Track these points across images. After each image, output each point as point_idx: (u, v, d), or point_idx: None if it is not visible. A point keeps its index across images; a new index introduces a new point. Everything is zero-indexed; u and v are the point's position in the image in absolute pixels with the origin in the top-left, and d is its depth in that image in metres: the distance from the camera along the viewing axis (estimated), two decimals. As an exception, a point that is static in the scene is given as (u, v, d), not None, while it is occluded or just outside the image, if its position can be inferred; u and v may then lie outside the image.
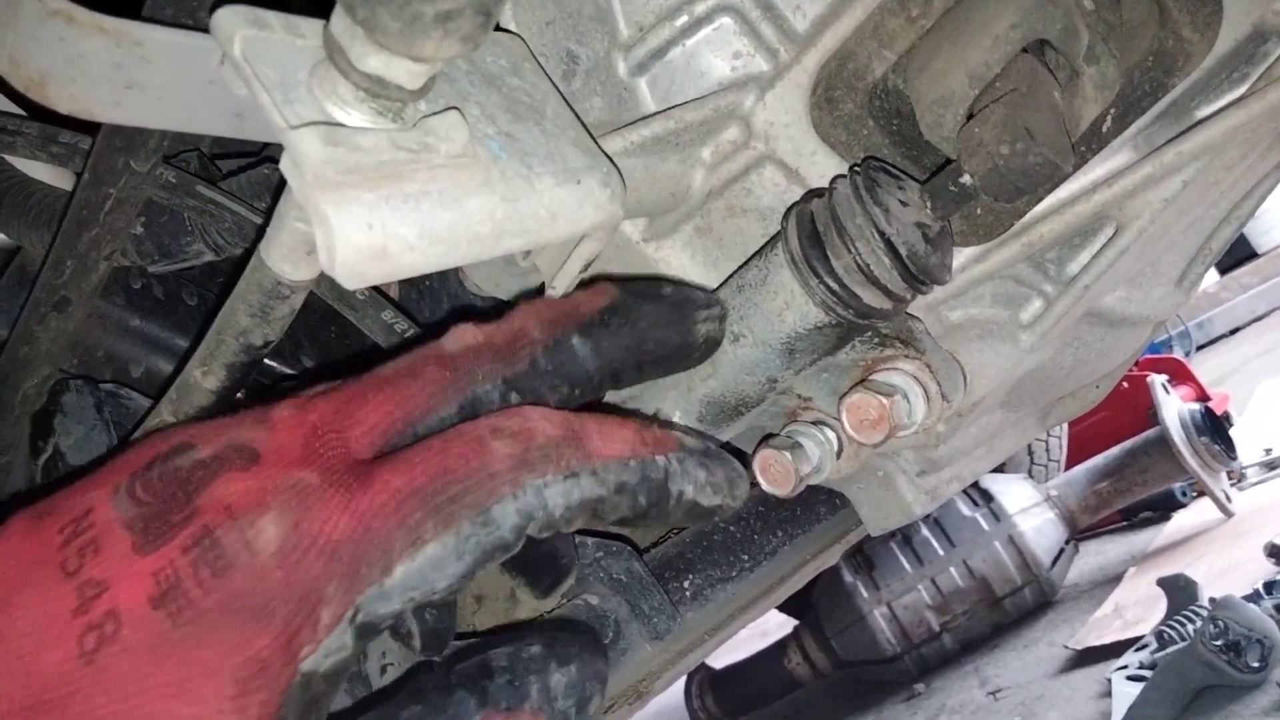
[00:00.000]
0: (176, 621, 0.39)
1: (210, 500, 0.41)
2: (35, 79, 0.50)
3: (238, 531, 0.40)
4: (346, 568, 0.40)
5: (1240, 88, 0.68)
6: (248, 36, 0.46)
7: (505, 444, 0.43)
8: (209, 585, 0.39)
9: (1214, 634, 2.11)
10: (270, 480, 0.42)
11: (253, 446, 0.43)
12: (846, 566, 3.22)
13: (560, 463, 0.43)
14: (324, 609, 0.40)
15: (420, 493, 0.41)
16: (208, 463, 0.42)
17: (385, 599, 0.41)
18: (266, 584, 0.40)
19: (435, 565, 0.41)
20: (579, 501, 0.44)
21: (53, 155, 0.82)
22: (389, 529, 0.41)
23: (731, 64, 0.68)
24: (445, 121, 0.48)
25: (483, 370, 0.48)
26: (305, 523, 0.41)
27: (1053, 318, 0.74)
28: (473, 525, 0.41)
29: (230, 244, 0.90)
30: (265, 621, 0.39)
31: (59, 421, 0.82)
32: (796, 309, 0.62)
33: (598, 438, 0.45)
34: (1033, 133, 0.55)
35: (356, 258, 0.44)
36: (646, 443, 0.47)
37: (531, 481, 0.42)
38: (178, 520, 0.40)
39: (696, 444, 0.49)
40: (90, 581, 0.39)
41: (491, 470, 0.42)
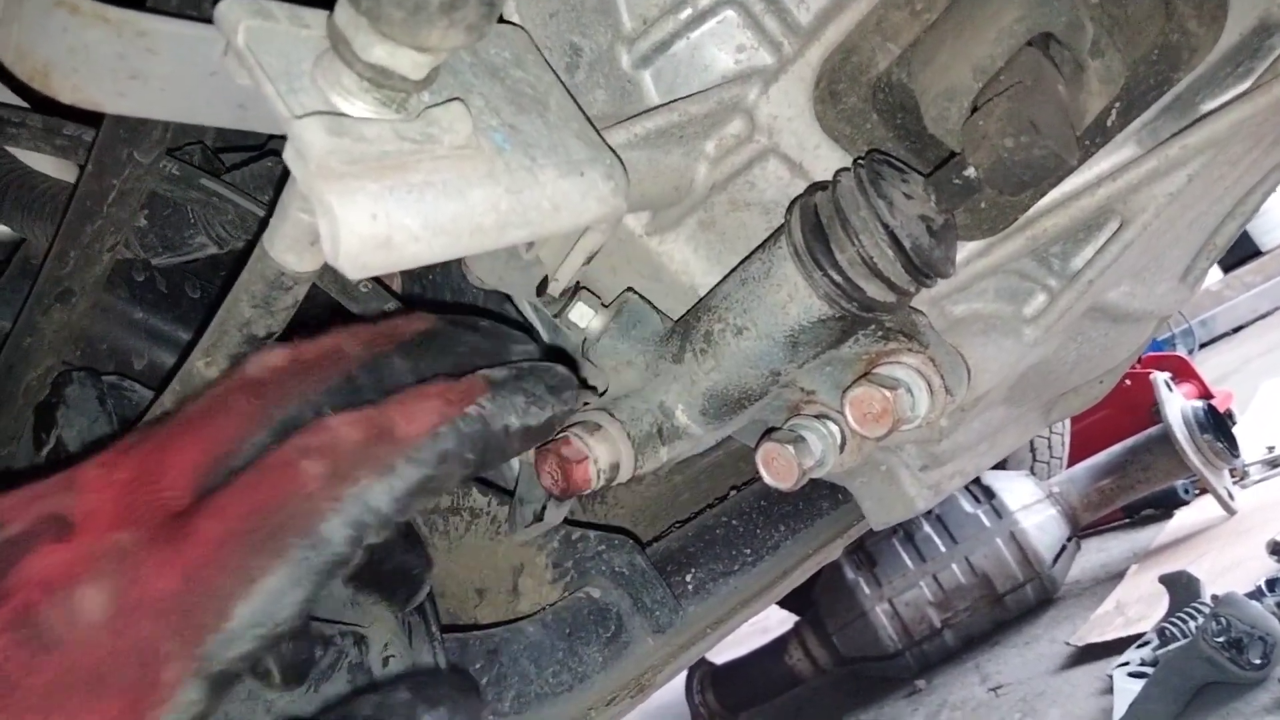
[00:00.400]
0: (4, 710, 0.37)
1: (24, 578, 0.40)
2: (39, 69, 0.50)
3: (58, 605, 0.39)
4: (180, 622, 0.39)
5: (1245, 82, 0.68)
6: (251, 27, 0.46)
7: (314, 462, 0.42)
8: (34, 665, 0.38)
9: (1216, 631, 2.11)
10: (86, 548, 0.41)
11: (64, 515, 0.42)
12: (848, 562, 3.22)
13: (373, 463, 0.43)
14: (165, 668, 0.39)
15: (240, 532, 0.41)
16: (18, 539, 0.41)
17: (231, 643, 0.40)
18: (97, 654, 0.38)
19: (275, 597, 0.40)
20: (404, 491, 0.43)
21: (56, 148, 0.82)
22: (217, 575, 0.40)
23: (735, 57, 0.67)
24: (449, 112, 0.48)
25: (292, 391, 0.47)
26: (128, 586, 0.40)
27: (1056, 312, 0.74)
28: (303, 549, 0.41)
29: (233, 236, 0.90)
30: (101, 692, 0.38)
31: (62, 413, 0.82)
32: (800, 302, 0.62)
33: (403, 421, 0.45)
34: (1037, 126, 0.55)
35: (360, 248, 0.44)
36: (453, 401, 0.46)
37: (349, 491, 0.42)
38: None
39: (504, 373, 0.49)
40: None
41: (307, 492, 0.41)
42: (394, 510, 0.43)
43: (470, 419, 0.46)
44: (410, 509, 0.44)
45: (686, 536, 1.06)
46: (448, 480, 0.45)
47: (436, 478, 0.44)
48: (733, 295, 0.65)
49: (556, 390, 0.50)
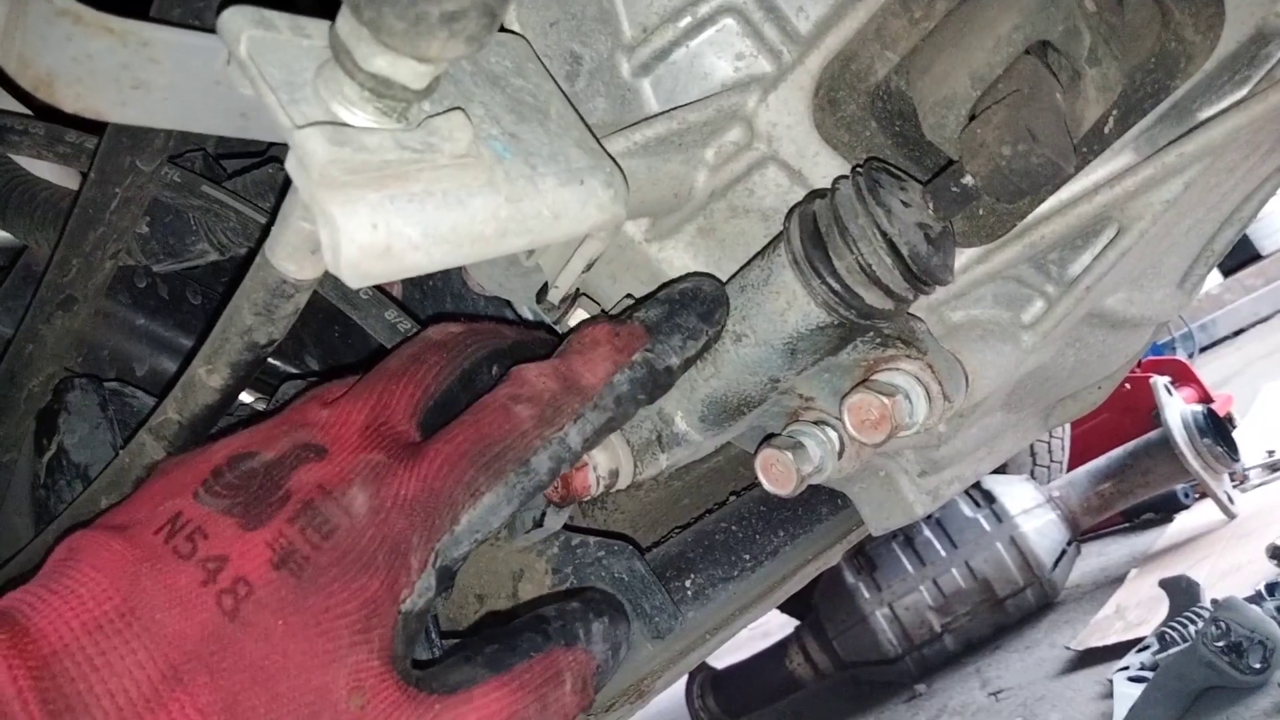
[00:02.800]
0: (300, 578, 0.45)
1: (300, 483, 0.48)
2: (43, 78, 0.50)
3: (333, 501, 0.47)
4: (423, 521, 0.48)
5: (1242, 90, 0.68)
6: (254, 37, 0.46)
7: (525, 407, 0.52)
8: (320, 546, 0.46)
9: (1216, 635, 2.11)
10: (345, 463, 0.50)
11: (315, 443, 0.51)
12: (848, 567, 3.22)
13: (568, 411, 0.53)
14: (412, 556, 0.48)
15: (468, 454, 0.50)
16: (280, 461, 0.50)
17: (457, 543, 0.49)
18: (365, 540, 0.47)
19: (492, 510, 0.50)
20: (593, 432, 0.54)
21: (59, 155, 0.82)
22: (450, 487, 0.49)
23: (735, 65, 0.68)
24: (450, 122, 0.48)
25: (469, 348, 0.58)
26: (384, 489, 0.49)
27: (1054, 319, 0.75)
28: (517, 475, 0.51)
29: (235, 243, 0.90)
30: (371, 570, 0.47)
31: (64, 420, 0.82)
32: (799, 309, 0.62)
33: (586, 372, 0.55)
34: (1035, 134, 0.55)
35: (361, 256, 0.45)
36: (622, 349, 0.57)
37: (553, 433, 0.52)
38: (275, 500, 0.47)
39: (659, 312, 0.60)
40: (209, 558, 0.45)
41: (522, 429, 0.52)
42: (583, 447, 0.54)
43: (638, 365, 0.57)
44: (595, 443, 0.55)
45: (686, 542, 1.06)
46: (624, 417, 0.56)
47: (616, 418, 0.55)
48: (732, 302, 0.66)
49: (707, 316, 0.61)
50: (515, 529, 0.76)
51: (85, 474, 0.80)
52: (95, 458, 0.81)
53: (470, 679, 0.49)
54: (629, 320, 0.59)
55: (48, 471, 0.81)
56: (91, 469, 0.80)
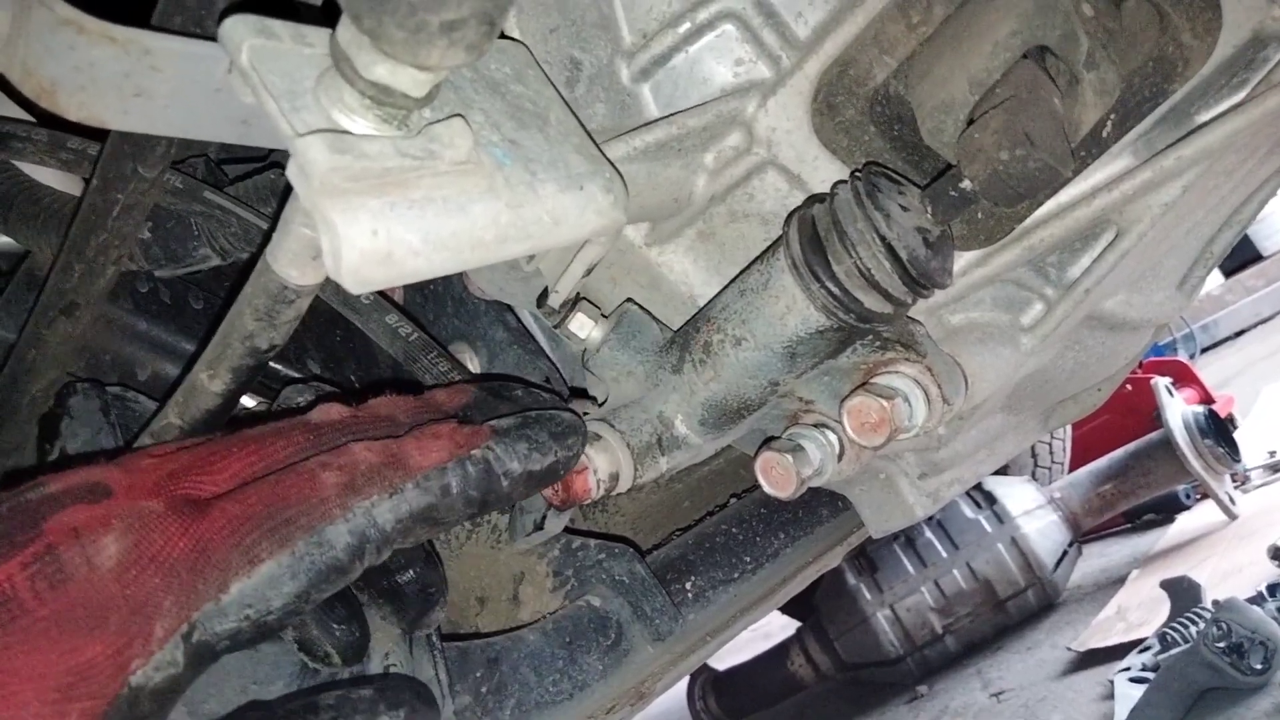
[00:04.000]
0: (7, 630, 0.40)
1: (56, 524, 0.43)
2: (46, 86, 0.50)
3: (79, 548, 0.42)
4: (183, 584, 0.43)
5: (1240, 93, 0.69)
6: (255, 45, 0.47)
7: (332, 474, 0.47)
8: (44, 596, 0.41)
9: (1217, 636, 2.10)
10: (116, 509, 0.44)
11: (106, 483, 0.46)
12: (849, 569, 3.22)
13: (384, 483, 0.47)
14: (158, 623, 0.42)
15: (255, 517, 0.44)
16: (58, 496, 0.45)
17: (221, 615, 0.43)
18: (102, 596, 0.42)
19: (271, 583, 0.44)
20: (408, 514, 0.47)
21: (61, 161, 0.83)
22: (226, 549, 0.44)
23: (734, 70, 0.68)
24: (450, 129, 0.48)
25: (342, 438, 0.51)
26: (145, 542, 0.43)
27: (1054, 321, 0.75)
28: (307, 545, 0.45)
29: (236, 249, 0.90)
30: (97, 631, 0.41)
31: (65, 424, 0.82)
32: (798, 313, 0.63)
33: (416, 453, 0.49)
34: (1032, 138, 0.56)
35: (362, 262, 0.45)
36: (461, 443, 0.51)
37: (358, 503, 0.46)
38: (21, 541, 0.42)
39: (511, 421, 0.54)
40: None
41: (322, 496, 0.46)
42: (395, 530, 0.47)
43: (475, 460, 0.50)
44: (410, 534, 0.48)
45: (686, 544, 1.06)
46: (449, 513, 0.49)
47: (439, 508, 0.49)
48: (731, 306, 0.66)
49: (560, 436, 0.54)
50: (516, 531, 0.76)
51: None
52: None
53: None
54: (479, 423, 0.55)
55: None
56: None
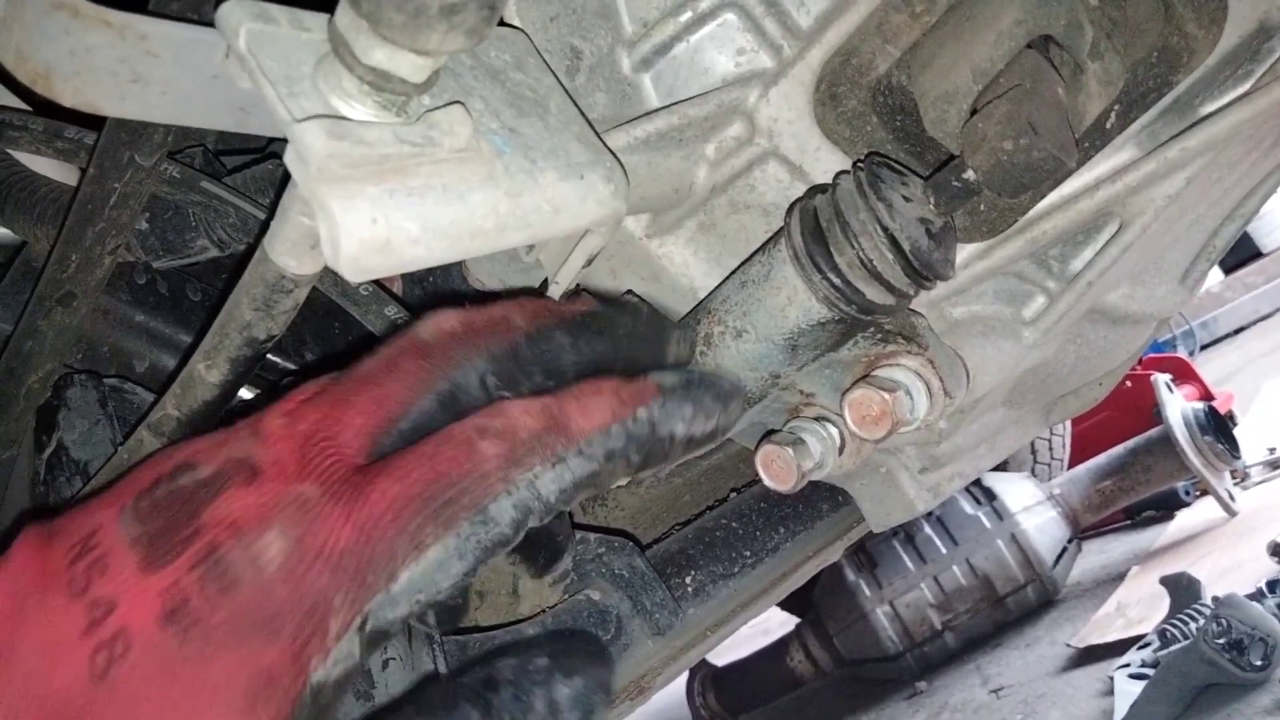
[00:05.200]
0: (185, 639, 0.39)
1: (214, 517, 0.42)
2: (40, 72, 0.50)
3: (243, 548, 0.41)
4: (352, 578, 0.41)
5: (1244, 84, 0.68)
6: (253, 30, 0.46)
7: (492, 443, 0.44)
8: (216, 602, 0.40)
9: (1217, 632, 2.10)
10: (272, 495, 0.43)
11: (252, 461, 0.44)
12: (849, 564, 3.22)
13: (546, 452, 0.45)
14: (332, 619, 0.41)
15: (417, 499, 0.42)
16: (210, 481, 0.44)
17: (393, 605, 0.42)
18: (273, 598, 0.41)
19: (439, 567, 0.42)
20: (571, 484, 0.45)
21: (58, 150, 0.82)
22: (391, 537, 0.42)
23: (735, 60, 0.68)
24: (449, 116, 0.48)
25: (459, 357, 0.48)
26: (309, 536, 0.42)
27: (1055, 314, 0.74)
28: (472, 525, 0.43)
29: (234, 239, 0.90)
30: (273, 635, 0.40)
31: (63, 416, 0.82)
32: (799, 305, 0.62)
33: (578, 415, 0.46)
34: (1036, 128, 0.55)
35: (360, 251, 0.45)
36: (626, 401, 0.47)
37: (522, 476, 0.44)
38: (183, 538, 0.41)
39: (676, 380, 0.50)
40: (99, 601, 0.40)
41: (483, 470, 0.43)
42: (558, 500, 0.45)
43: (640, 422, 0.47)
44: (573, 500, 0.46)
45: (686, 539, 1.06)
46: (610, 479, 0.47)
47: (601, 474, 0.46)
48: (732, 298, 0.66)
49: (723, 399, 0.51)
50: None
51: (85, 471, 0.80)
52: (95, 454, 0.81)
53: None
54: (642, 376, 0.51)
55: (47, 468, 0.81)
56: (91, 466, 0.80)
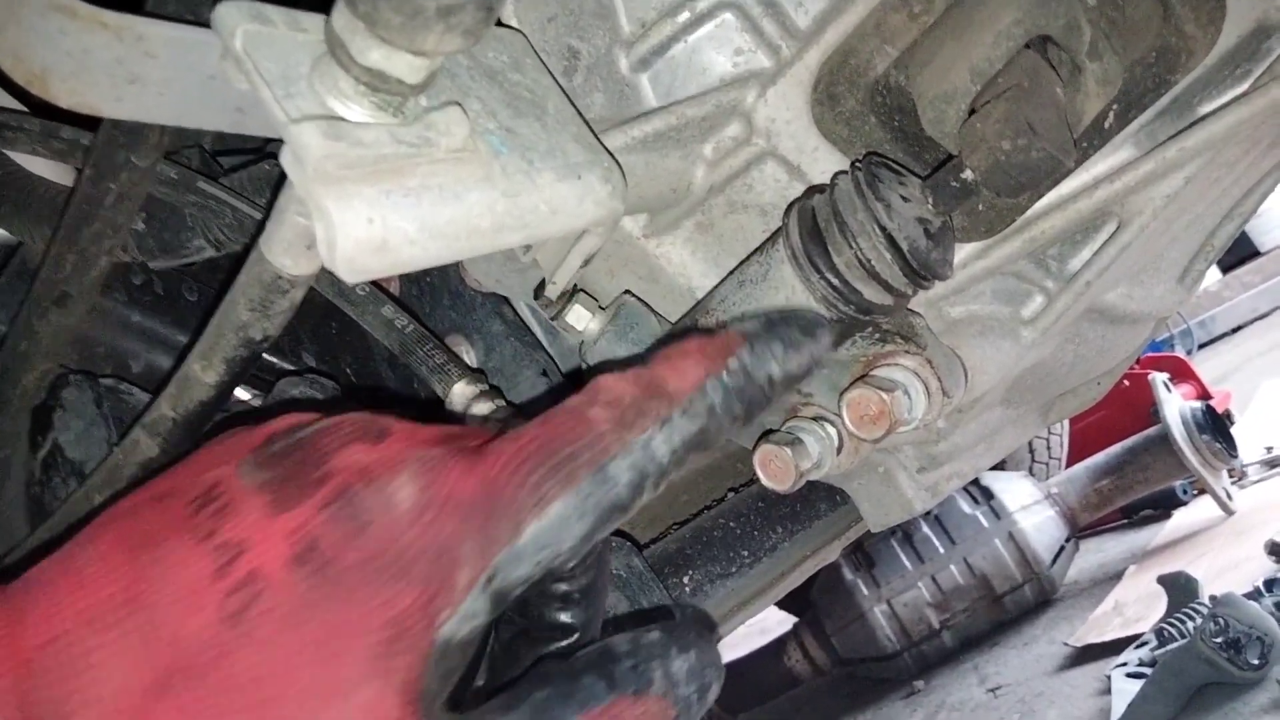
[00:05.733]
0: (317, 580, 0.38)
1: (343, 463, 0.41)
2: (37, 73, 0.50)
3: (374, 490, 0.40)
4: (479, 527, 0.41)
5: (1243, 84, 0.68)
6: (249, 31, 0.46)
7: (601, 410, 0.44)
8: (348, 542, 0.39)
9: (1214, 631, 2.11)
10: (397, 450, 0.43)
11: (384, 425, 0.44)
12: (847, 564, 3.22)
13: (652, 415, 0.44)
14: (460, 571, 0.40)
15: (536, 455, 0.42)
16: (335, 429, 0.43)
17: (517, 561, 0.41)
18: (404, 542, 0.40)
19: (562, 523, 0.42)
20: (681, 443, 0.45)
21: (54, 151, 0.82)
22: (514, 489, 0.41)
23: (733, 60, 0.68)
24: (446, 116, 0.48)
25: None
26: (435, 484, 0.41)
27: (1054, 314, 0.74)
28: (592, 483, 0.42)
29: (231, 240, 0.90)
30: (405, 580, 0.39)
31: (58, 416, 0.82)
32: (797, 305, 0.62)
33: (672, 377, 0.46)
34: (1035, 128, 0.55)
35: (356, 251, 0.44)
36: (715, 355, 0.47)
37: (634, 437, 0.43)
38: (312, 481, 0.41)
39: (757, 324, 0.50)
40: (227, 544, 0.39)
41: (598, 432, 0.43)
42: (671, 460, 0.45)
43: (734, 372, 0.47)
44: (684, 461, 0.45)
45: (684, 538, 1.06)
46: (718, 433, 0.46)
47: (709, 429, 0.46)
48: (730, 298, 0.65)
49: (810, 330, 0.50)
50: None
51: (80, 471, 0.80)
52: (90, 455, 0.80)
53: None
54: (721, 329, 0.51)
55: (43, 468, 0.80)
56: (87, 466, 0.80)
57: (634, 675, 0.44)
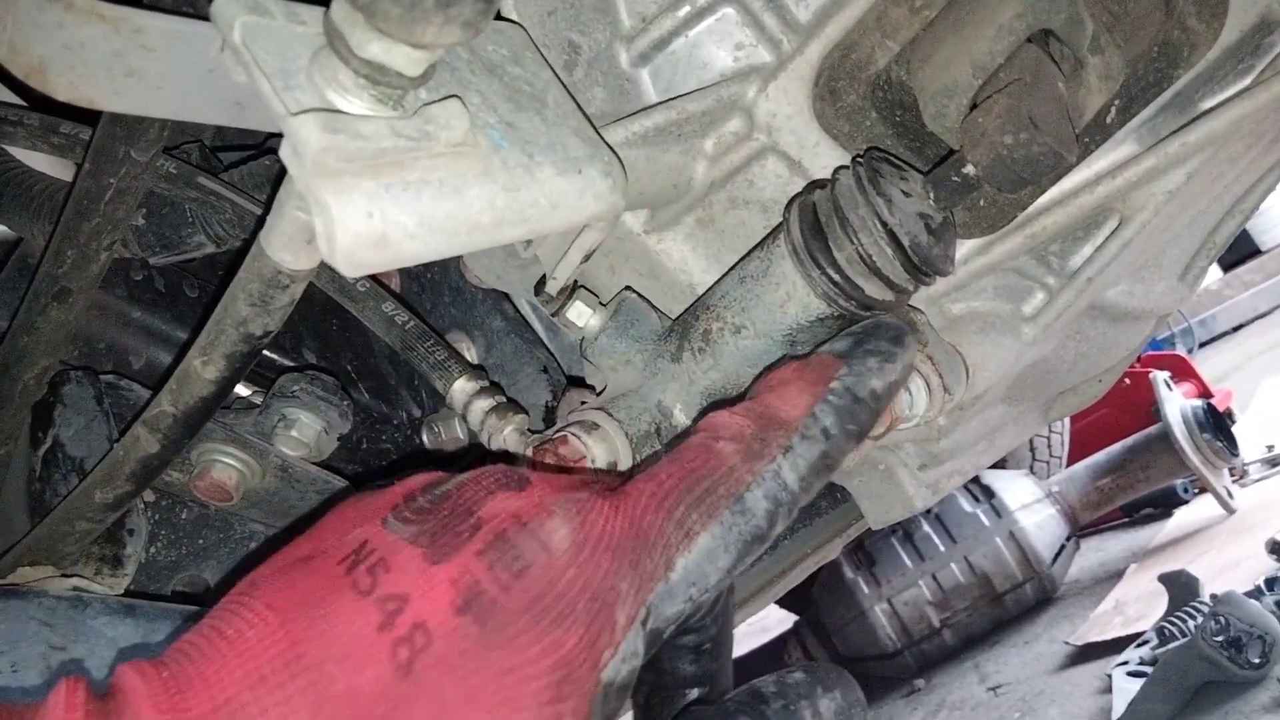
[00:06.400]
0: (484, 627, 0.39)
1: (493, 511, 0.42)
2: (35, 66, 0.49)
3: (529, 533, 0.41)
4: (634, 565, 0.41)
5: (1245, 79, 0.68)
6: (248, 23, 0.46)
7: (728, 444, 0.45)
8: (510, 586, 0.39)
9: (1215, 630, 2.11)
10: (542, 496, 0.43)
11: (524, 474, 0.45)
12: (847, 562, 3.22)
13: (775, 444, 0.46)
14: (619, 610, 0.41)
15: (677, 490, 0.43)
16: (480, 482, 0.44)
17: (671, 597, 0.42)
18: (564, 582, 0.40)
19: (708, 557, 0.43)
20: (807, 468, 0.46)
21: (54, 146, 0.82)
22: (660, 523, 0.42)
23: (734, 55, 0.67)
24: (446, 109, 0.48)
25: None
26: (586, 525, 0.42)
27: (1055, 311, 0.74)
28: (733, 514, 0.43)
29: (231, 235, 0.90)
30: (570, 622, 0.39)
31: (59, 413, 0.82)
32: (798, 301, 0.62)
33: (782, 407, 0.48)
34: (1036, 123, 0.55)
35: (356, 245, 0.44)
36: (815, 380, 0.49)
37: (765, 467, 0.45)
38: (465, 529, 0.41)
39: (847, 343, 0.52)
40: (390, 596, 0.39)
41: (730, 465, 0.44)
42: (802, 487, 0.46)
43: (838, 392, 0.48)
44: (812, 489, 0.47)
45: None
46: (839, 455, 0.48)
47: (830, 452, 0.47)
48: (731, 294, 0.65)
49: (898, 340, 0.52)
50: None
51: (81, 467, 0.80)
52: (91, 451, 0.80)
53: None
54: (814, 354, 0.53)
55: (43, 465, 0.80)
56: (87, 462, 0.80)
57: (784, 714, 0.45)
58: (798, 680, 0.47)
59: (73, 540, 0.74)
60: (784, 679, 0.47)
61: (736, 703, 0.46)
